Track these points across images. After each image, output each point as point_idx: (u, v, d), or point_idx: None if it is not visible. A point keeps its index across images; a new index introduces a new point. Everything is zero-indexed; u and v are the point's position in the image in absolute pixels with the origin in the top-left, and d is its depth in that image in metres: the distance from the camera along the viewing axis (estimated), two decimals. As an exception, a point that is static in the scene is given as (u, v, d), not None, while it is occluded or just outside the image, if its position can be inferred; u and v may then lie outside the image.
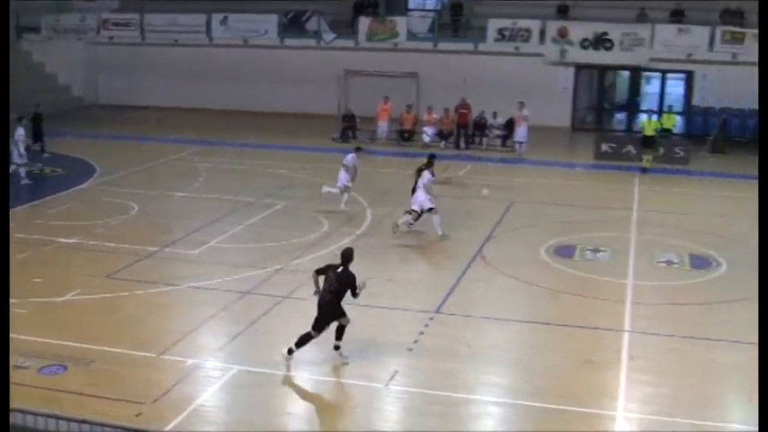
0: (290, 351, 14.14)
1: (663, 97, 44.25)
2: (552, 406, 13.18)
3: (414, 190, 22.76)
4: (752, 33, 38.77)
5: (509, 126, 35.96)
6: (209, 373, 14.05)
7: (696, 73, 40.90)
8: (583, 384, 14.02)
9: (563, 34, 40.74)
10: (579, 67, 42.02)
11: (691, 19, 40.54)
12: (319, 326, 14.24)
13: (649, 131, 32.49)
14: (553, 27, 40.97)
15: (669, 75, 44.33)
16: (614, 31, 40.10)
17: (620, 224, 24.06)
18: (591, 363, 14.76)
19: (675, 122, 37.88)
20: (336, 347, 14.47)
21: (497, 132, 36.49)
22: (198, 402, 12.92)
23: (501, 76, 40.12)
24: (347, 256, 14.49)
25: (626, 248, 21.67)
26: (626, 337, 16.00)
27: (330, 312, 14.26)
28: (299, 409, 13.37)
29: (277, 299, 17.39)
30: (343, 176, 24.76)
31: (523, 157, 34.20)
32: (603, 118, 45.63)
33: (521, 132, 34.76)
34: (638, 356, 15.02)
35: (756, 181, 31.39)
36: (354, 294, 14.32)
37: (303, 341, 14.18)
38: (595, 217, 24.98)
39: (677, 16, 40.95)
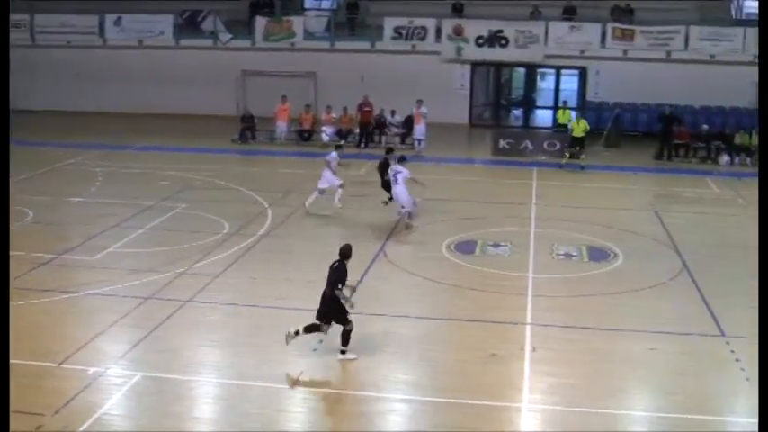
0: (297, 333, 14.62)
1: (558, 93, 45.12)
2: (459, 400, 13.29)
3: (386, 185, 24.08)
4: (640, 30, 39.87)
5: (408, 124, 36.20)
6: (112, 380, 13.80)
7: (589, 69, 41.79)
8: (488, 378, 14.16)
9: (458, 32, 41.22)
10: (475, 65, 42.56)
11: (582, 16, 41.49)
12: (320, 316, 14.64)
13: (578, 132, 32.84)
14: (449, 25, 41.44)
15: (563, 71, 45.22)
16: (509, 29, 40.78)
17: (520, 219, 24.42)
18: (495, 356, 14.92)
19: (570, 117, 38.52)
20: (342, 352, 14.63)
21: (396, 130, 36.70)
22: (102, 411, 12.68)
23: (399, 75, 40.42)
24: (343, 251, 14.77)
25: (526, 242, 22.00)
26: (528, 329, 16.21)
27: (329, 305, 14.51)
28: (204, 413, 13.23)
29: (179, 303, 17.17)
30: (329, 176, 24.72)
31: (423, 154, 34.43)
32: (500, 114, 46.31)
33: (419, 130, 35.03)
34: (541, 348, 15.24)
35: (651, 173, 32.44)
36: (335, 287, 14.40)
37: (311, 329, 14.69)
38: (495, 212, 25.30)
39: (569, 14, 41.79)
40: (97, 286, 18.14)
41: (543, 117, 45.54)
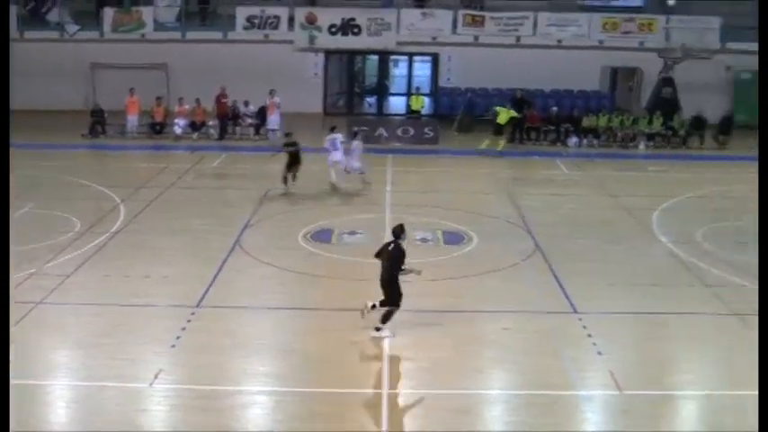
0: (378, 329, 15.18)
1: (411, 80, 45.60)
2: (320, 389, 13.35)
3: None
4: (490, 16, 40.62)
5: (261, 114, 35.95)
6: (-40, 388, 13.32)
7: (441, 55, 42.34)
8: (348, 366, 14.27)
9: (311, 20, 41.16)
10: (329, 53, 42.57)
11: (433, 3, 41.96)
12: (392, 301, 15.07)
13: (502, 120, 33.28)
14: (301, 14, 41.31)
15: (416, 57, 45.76)
16: (361, 17, 40.95)
17: (375, 206, 24.62)
18: (354, 344, 15.03)
19: (423, 104, 39.07)
20: (377, 329, 15.17)
21: (250, 121, 36.40)
22: (-51, 420, 12.24)
23: (251, 65, 40.09)
24: (396, 231, 15.41)
25: (382, 229, 22.07)
26: (386, 316, 16.38)
27: (388, 287, 14.90)
28: (60, 417, 12.87)
29: (30, 305, 16.65)
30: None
31: (277, 144, 34.24)
32: (354, 102, 46.50)
33: (273, 120, 34.86)
34: (399, 334, 15.38)
35: (504, 156, 33.07)
36: (399, 270, 14.91)
37: (387, 317, 15.15)
38: (350, 200, 25.46)
39: (421, 1, 42.24)
40: (-58, 291, 17.44)
41: (397, 104, 45.92)
